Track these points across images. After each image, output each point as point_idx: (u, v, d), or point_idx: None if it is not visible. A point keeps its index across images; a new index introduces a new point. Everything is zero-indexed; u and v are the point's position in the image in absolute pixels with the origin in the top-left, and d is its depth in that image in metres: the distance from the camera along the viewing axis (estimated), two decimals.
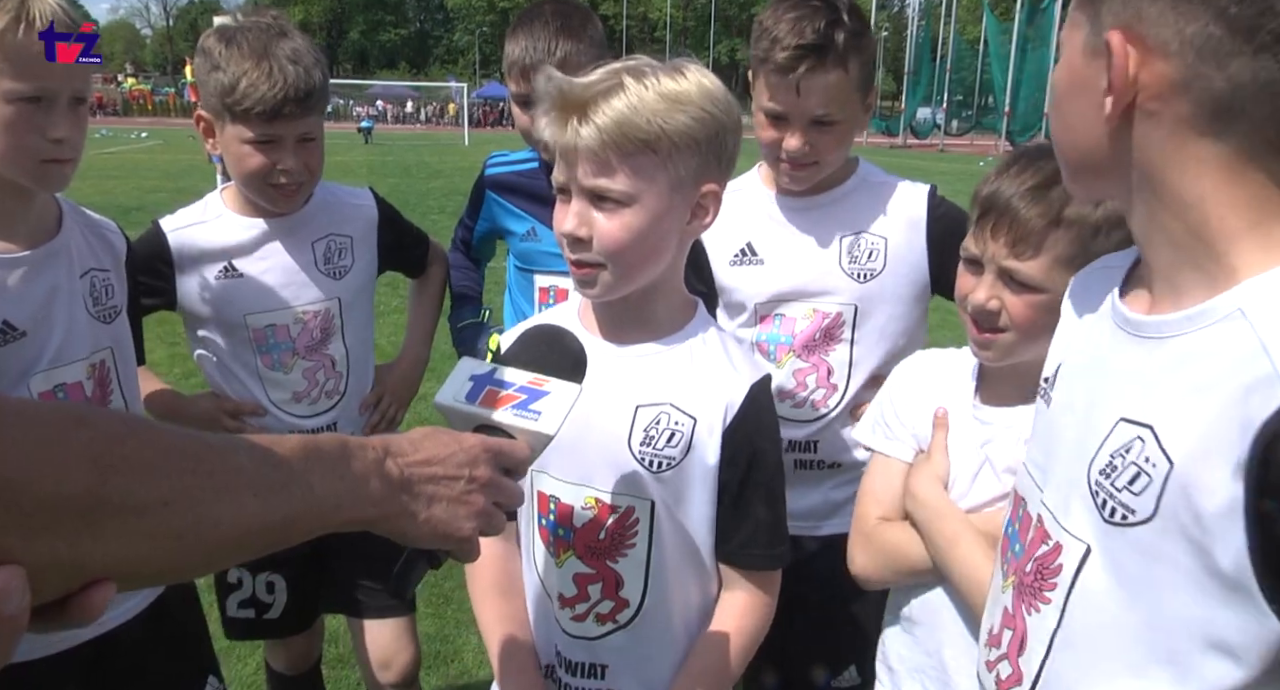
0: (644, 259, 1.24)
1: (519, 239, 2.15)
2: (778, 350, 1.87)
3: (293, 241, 1.92)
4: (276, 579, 2.06)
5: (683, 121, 1.16)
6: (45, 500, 0.57)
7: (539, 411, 1.04)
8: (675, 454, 1.27)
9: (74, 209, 1.68)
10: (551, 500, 1.34)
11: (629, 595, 1.32)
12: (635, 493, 1.29)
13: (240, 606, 2.07)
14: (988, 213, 1.30)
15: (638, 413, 1.29)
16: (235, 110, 1.72)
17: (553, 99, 1.18)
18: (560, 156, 1.20)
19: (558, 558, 1.34)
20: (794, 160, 1.77)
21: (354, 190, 2.12)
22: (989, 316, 1.31)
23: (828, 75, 1.68)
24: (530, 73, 1.91)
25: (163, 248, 1.88)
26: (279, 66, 1.69)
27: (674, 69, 1.19)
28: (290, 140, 1.77)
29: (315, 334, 1.95)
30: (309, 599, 2.13)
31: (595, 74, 1.18)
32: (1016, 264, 1.27)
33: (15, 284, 1.50)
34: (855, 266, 1.83)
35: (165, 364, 5.51)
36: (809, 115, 1.72)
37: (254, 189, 1.84)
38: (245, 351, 1.92)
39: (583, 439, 1.28)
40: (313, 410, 1.98)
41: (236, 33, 1.73)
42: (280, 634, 2.19)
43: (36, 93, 1.41)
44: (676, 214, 1.24)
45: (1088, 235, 1.23)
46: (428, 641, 3.12)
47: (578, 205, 1.20)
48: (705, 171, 1.23)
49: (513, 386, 1.06)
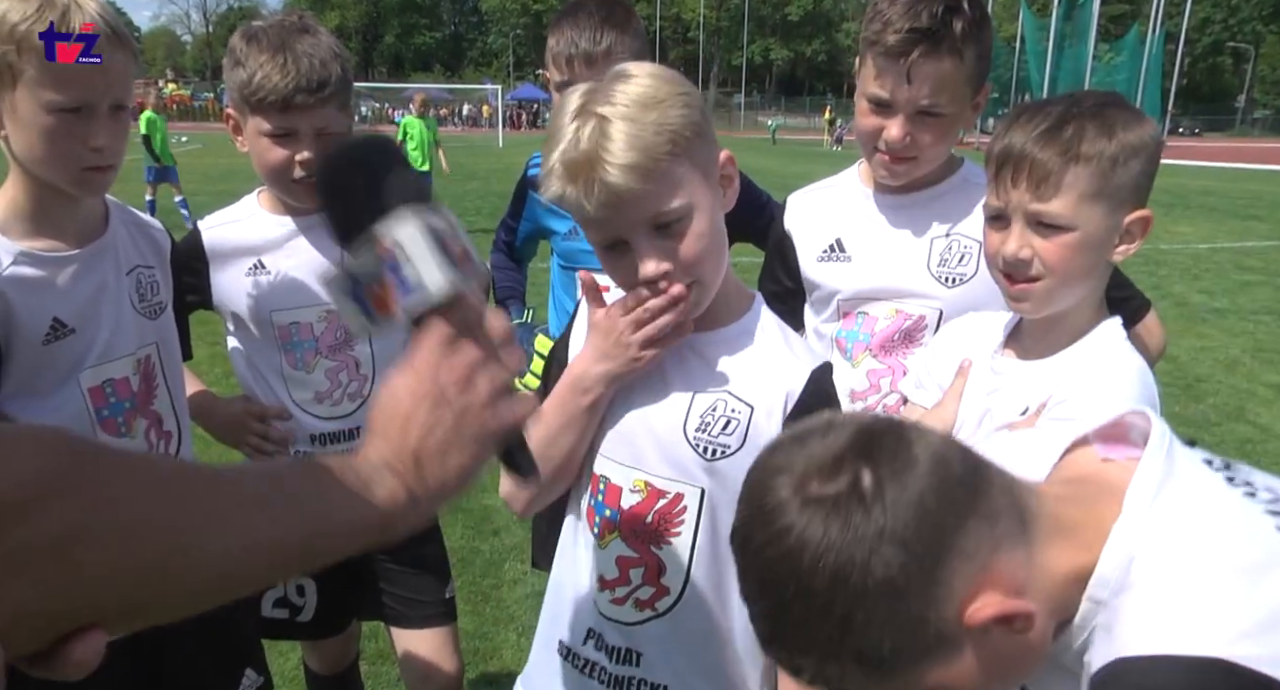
0: (720, 252, 1.25)
1: (562, 238, 2.16)
2: (854, 348, 1.82)
3: (320, 239, 1.92)
4: (306, 582, 2.06)
5: (679, 114, 1.15)
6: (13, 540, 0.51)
7: (412, 280, 0.81)
8: (732, 442, 1.26)
9: (120, 207, 1.71)
10: (602, 480, 1.34)
11: (670, 583, 1.31)
12: (686, 479, 1.28)
13: (275, 606, 2.08)
14: (1004, 164, 1.31)
15: (694, 399, 1.29)
16: (252, 102, 1.74)
17: (559, 175, 1.15)
18: (601, 217, 1.16)
19: (602, 539, 1.34)
20: (893, 152, 1.68)
21: None
22: (1022, 266, 1.31)
23: (940, 63, 1.59)
24: (575, 62, 1.92)
25: (198, 246, 1.91)
26: (293, 58, 1.71)
27: (618, 77, 1.17)
28: (307, 132, 1.76)
29: (339, 333, 1.94)
30: (342, 604, 2.12)
31: (567, 125, 1.14)
32: (1042, 206, 1.28)
33: (65, 282, 1.54)
34: (944, 269, 1.75)
35: (206, 363, 5.59)
36: (915, 104, 1.62)
37: (276, 184, 1.85)
38: (270, 349, 1.93)
39: (638, 424, 1.30)
40: (335, 412, 1.96)
41: (259, 31, 1.76)
42: (313, 636, 2.19)
43: (76, 104, 1.42)
44: (716, 199, 1.25)
45: (1107, 167, 1.25)
46: (466, 638, 3.14)
47: (646, 246, 1.18)
48: (713, 145, 1.23)
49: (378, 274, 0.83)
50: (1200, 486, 0.86)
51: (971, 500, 0.78)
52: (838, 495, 0.76)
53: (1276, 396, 5.91)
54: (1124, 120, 1.26)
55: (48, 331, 1.51)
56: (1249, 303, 8.65)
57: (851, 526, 0.74)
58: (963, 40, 1.58)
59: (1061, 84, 33.90)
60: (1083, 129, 1.25)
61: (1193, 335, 7.32)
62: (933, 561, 0.75)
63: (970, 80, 1.65)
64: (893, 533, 0.74)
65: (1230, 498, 0.84)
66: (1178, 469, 0.86)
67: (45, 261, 1.52)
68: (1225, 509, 0.83)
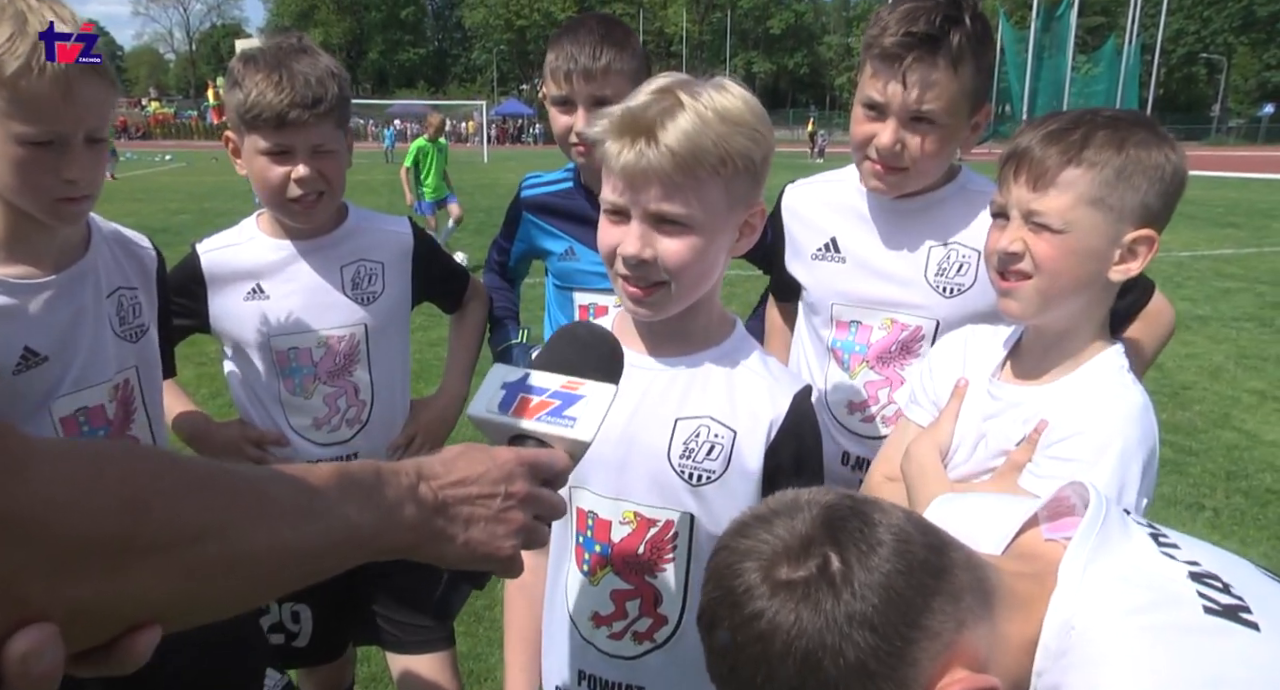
0: (702, 277, 1.24)
1: (557, 258, 2.16)
2: (851, 359, 1.81)
3: (321, 264, 1.90)
4: (301, 609, 2.04)
5: (742, 143, 1.16)
6: (75, 543, 0.55)
7: (574, 417, 0.99)
8: (715, 467, 1.26)
9: (103, 226, 1.67)
10: (589, 516, 1.33)
11: (667, 612, 1.31)
12: (674, 506, 1.28)
13: (270, 631, 2.06)
14: (1009, 161, 1.32)
15: (677, 425, 1.28)
16: (248, 120, 1.74)
17: (614, 122, 1.17)
18: (622, 179, 1.18)
19: (594, 575, 1.34)
20: (883, 159, 1.66)
21: (391, 217, 2.10)
22: (1011, 259, 1.31)
23: (935, 69, 1.57)
24: (574, 76, 1.93)
25: (195, 269, 1.89)
26: (288, 77, 1.71)
27: (718, 86, 1.18)
28: (303, 150, 1.76)
29: (339, 359, 1.92)
30: (337, 630, 2.10)
31: (647, 94, 1.17)
32: (1036, 203, 1.28)
33: (38, 310, 1.49)
34: (942, 279, 1.72)
35: (192, 384, 5.56)
36: (907, 108, 1.60)
37: (274, 204, 1.84)
38: (269, 374, 1.91)
39: (622, 452, 1.28)
40: (333, 438, 1.95)
41: (257, 52, 1.77)
42: (309, 662, 2.17)
43: (48, 137, 1.37)
44: (729, 234, 1.24)
45: (1110, 177, 1.24)
46: (461, 660, 3.10)
47: (639, 228, 1.19)
48: (755, 191, 1.23)
49: (545, 392, 1.02)
50: (1130, 554, 0.88)
51: (936, 580, 0.79)
52: (807, 579, 0.77)
53: (1260, 402, 5.96)
54: (1141, 139, 1.25)
55: (18, 361, 1.47)
56: (1230, 310, 8.73)
57: (822, 612, 0.75)
58: (959, 51, 1.57)
59: (1041, 95, 34.24)
60: (1092, 135, 1.25)
61: (1177, 342, 7.37)
62: (903, 642, 0.76)
63: (967, 95, 1.62)
64: (863, 616, 0.75)
65: (1158, 562, 0.87)
66: (1111, 541, 0.88)
67: (17, 289, 1.47)
68: (1153, 574, 0.85)
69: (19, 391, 1.48)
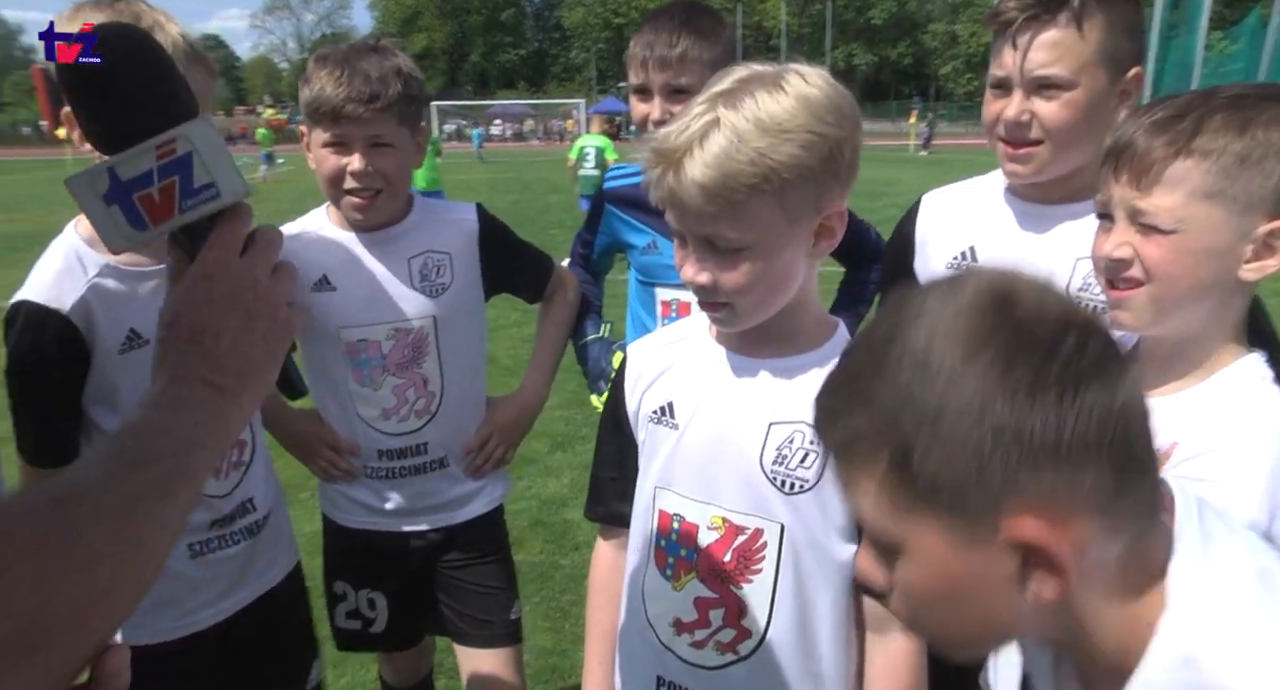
0: (772, 293, 1.18)
1: (639, 252, 2.13)
2: None
3: (388, 256, 1.91)
4: (377, 596, 2.07)
5: (789, 152, 1.07)
6: None
7: (210, 183, 0.80)
8: (809, 476, 1.20)
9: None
10: (675, 518, 1.28)
11: (751, 625, 1.25)
12: (764, 514, 1.22)
13: (347, 617, 2.10)
14: (1109, 155, 1.17)
15: (771, 430, 1.22)
16: (311, 113, 1.80)
17: (652, 147, 1.12)
18: (668, 206, 1.15)
19: (677, 580, 1.29)
20: (1011, 135, 1.54)
21: (456, 204, 2.08)
22: (1120, 267, 1.16)
23: (1054, 30, 1.47)
24: (649, 64, 1.90)
25: None
26: (350, 73, 1.75)
27: (775, 83, 1.09)
28: (360, 142, 1.78)
29: (407, 351, 1.92)
30: (412, 618, 2.13)
31: (691, 109, 1.11)
32: (1141, 202, 1.13)
33: (144, 295, 1.59)
34: (1086, 294, 1.46)
35: None
36: (1029, 74, 1.49)
37: (333, 196, 1.87)
38: (338, 365, 1.92)
39: (711, 452, 1.24)
40: (401, 428, 1.95)
41: (331, 52, 1.82)
42: (386, 647, 2.20)
43: None
44: (799, 244, 1.16)
45: (1231, 165, 1.08)
46: (545, 655, 3.13)
47: (695, 252, 1.16)
48: (825, 195, 1.13)
49: (151, 174, 0.79)
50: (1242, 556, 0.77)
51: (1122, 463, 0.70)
52: None
53: None
54: (1273, 116, 1.08)
55: (123, 341, 1.58)
56: None
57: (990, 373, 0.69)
58: (1082, 9, 1.46)
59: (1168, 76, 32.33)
60: (1206, 120, 1.10)
61: None
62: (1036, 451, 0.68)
63: (1102, 56, 1.48)
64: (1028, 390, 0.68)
65: None
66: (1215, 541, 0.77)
67: (127, 276, 1.59)
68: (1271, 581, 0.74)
69: (124, 370, 1.58)
